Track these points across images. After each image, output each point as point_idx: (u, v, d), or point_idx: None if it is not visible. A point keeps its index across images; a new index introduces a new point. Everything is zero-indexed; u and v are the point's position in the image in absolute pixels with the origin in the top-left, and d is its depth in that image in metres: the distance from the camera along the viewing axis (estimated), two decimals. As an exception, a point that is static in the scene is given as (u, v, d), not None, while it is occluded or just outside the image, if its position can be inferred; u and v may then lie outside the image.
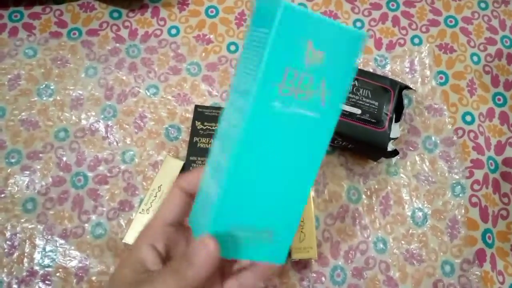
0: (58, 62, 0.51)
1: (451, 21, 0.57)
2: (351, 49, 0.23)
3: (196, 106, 0.47)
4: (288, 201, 0.24)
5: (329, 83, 0.23)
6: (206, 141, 0.46)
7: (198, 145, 0.45)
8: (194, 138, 0.46)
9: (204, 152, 0.45)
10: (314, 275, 0.45)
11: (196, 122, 0.46)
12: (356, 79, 0.48)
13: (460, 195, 0.49)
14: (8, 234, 0.44)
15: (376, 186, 0.49)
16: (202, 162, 0.45)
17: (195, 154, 0.45)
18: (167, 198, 0.28)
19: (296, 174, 0.24)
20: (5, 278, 0.43)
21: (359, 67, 0.51)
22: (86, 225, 0.45)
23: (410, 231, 0.48)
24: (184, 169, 0.44)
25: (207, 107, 0.47)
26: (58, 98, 0.50)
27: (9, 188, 0.46)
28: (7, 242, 0.44)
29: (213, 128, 0.46)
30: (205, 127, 0.46)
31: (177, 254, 0.27)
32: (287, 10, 0.20)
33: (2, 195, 0.46)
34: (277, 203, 0.24)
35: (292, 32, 0.21)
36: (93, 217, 0.46)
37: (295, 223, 0.25)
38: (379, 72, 0.53)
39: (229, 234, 0.23)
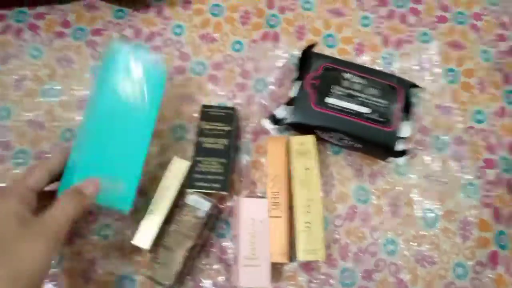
0: (63, 63, 0.51)
1: (460, 18, 0.56)
2: (158, 67, 0.39)
3: (203, 106, 0.46)
4: (129, 163, 0.37)
5: (148, 83, 0.38)
6: (212, 141, 0.45)
7: (203, 145, 0.45)
8: (200, 138, 0.45)
9: (210, 152, 0.44)
10: (323, 277, 0.44)
11: (202, 122, 0.46)
12: (363, 77, 0.47)
13: (472, 195, 0.48)
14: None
15: (385, 187, 0.48)
16: (208, 162, 0.44)
17: (201, 155, 0.44)
18: (32, 170, 0.34)
19: (133, 145, 0.37)
20: None
21: (366, 65, 0.50)
22: (94, 226, 0.45)
23: (421, 232, 0.46)
24: (191, 169, 0.43)
25: (212, 107, 0.46)
26: (63, 98, 0.49)
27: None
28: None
29: (219, 127, 0.45)
30: (211, 127, 0.45)
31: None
32: (113, 45, 0.37)
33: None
34: (122, 164, 0.36)
35: (116, 58, 0.37)
36: (101, 217, 0.45)
37: (135, 178, 0.37)
38: (387, 70, 0.52)
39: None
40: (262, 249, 0.41)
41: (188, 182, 0.43)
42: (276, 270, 0.44)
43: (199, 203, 0.41)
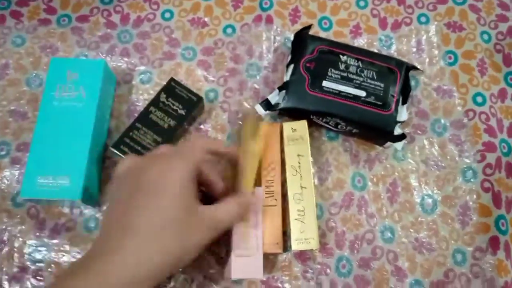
0: (48, 50, 0.49)
1: (459, -2, 0.54)
2: (96, 68, 0.44)
3: (171, 79, 0.45)
4: (75, 156, 0.41)
5: (85, 86, 0.43)
6: (160, 115, 0.43)
7: (150, 115, 0.43)
8: (151, 107, 0.44)
9: (151, 125, 0.43)
10: (319, 266, 0.43)
11: (162, 93, 0.44)
12: (360, 59, 0.45)
13: (472, 180, 0.46)
14: (-2, 229, 0.43)
15: (383, 173, 0.46)
16: (144, 132, 0.43)
17: (142, 123, 0.43)
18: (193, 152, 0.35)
19: (76, 139, 0.41)
20: (-4, 275, 0.41)
21: (364, 48, 0.49)
22: (78, 218, 0.43)
23: (419, 218, 0.45)
24: (125, 131, 0.43)
25: (181, 86, 0.45)
26: (48, 87, 0.48)
27: (-1, 182, 0.44)
28: (-2, 237, 0.42)
29: (174, 107, 0.44)
30: (167, 102, 0.44)
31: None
32: (54, 60, 0.45)
33: (-8, 189, 0.44)
34: (69, 158, 0.41)
35: (58, 68, 0.44)
36: (86, 211, 0.44)
37: (81, 170, 0.40)
38: (384, 52, 0.50)
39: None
40: (256, 239, 0.40)
41: (115, 142, 0.42)
42: (270, 260, 0.43)
43: None
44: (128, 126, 0.43)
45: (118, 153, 0.42)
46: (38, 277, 0.41)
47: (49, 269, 0.41)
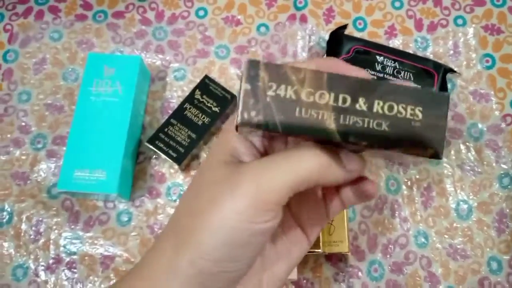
0: (84, 46, 0.50)
1: (498, 0, 0.52)
2: (132, 64, 0.44)
3: (206, 76, 0.45)
4: (112, 150, 0.41)
5: (121, 82, 0.44)
6: (195, 112, 0.44)
7: (185, 111, 0.44)
8: (186, 103, 0.44)
9: (186, 121, 0.43)
10: (350, 269, 0.43)
11: (197, 90, 0.44)
12: (396, 60, 0.45)
13: (509, 186, 0.45)
14: (34, 220, 0.43)
15: (417, 176, 0.46)
16: (179, 129, 0.43)
17: (177, 118, 0.43)
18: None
19: (113, 133, 0.42)
20: (31, 265, 0.42)
21: (400, 49, 0.48)
22: (112, 212, 0.44)
23: (454, 224, 0.44)
24: (160, 126, 0.43)
25: (215, 83, 0.45)
26: (83, 82, 0.48)
27: (35, 175, 0.45)
28: (33, 228, 0.43)
29: (209, 104, 0.44)
30: (202, 100, 0.44)
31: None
32: (91, 55, 0.45)
33: (28, 181, 0.45)
34: (106, 152, 0.41)
35: (95, 63, 0.44)
36: (119, 205, 0.44)
37: (118, 164, 0.41)
38: (420, 54, 0.49)
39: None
40: None
41: (150, 137, 0.43)
42: (301, 261, 0.43)
43: None
44: (163, 122, 0.43)
45: (153, 148, 0.42)
46: (72, 269, 0.42)
47: (83, 262, 0.42)
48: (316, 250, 0.39)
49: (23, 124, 0.47)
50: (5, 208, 0.44)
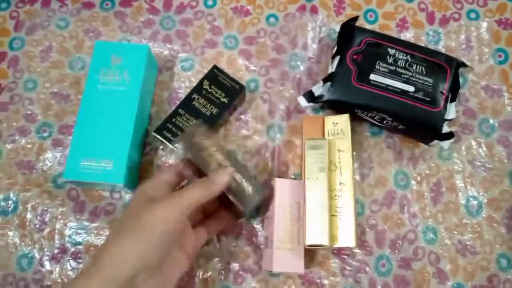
0: (90, 34, 0.49)
1: (512, -6, 0.52)
2: (140, 53, 0.44)
3: (214, 66, 0.45)
4: (119, 140, 0.41)
5: (129, 71, 0.43)
6: (203, 102, 0.43)
7: (193, 102, 0.43)
8: (194, 94, 0.43)
9: (194, 111, 0.43)
10: (357, 264, 0.42)
11: (205, 81, 0.44)
12: (408, 53, 0.44)
13: (520, 183, 0.45)
14: (39, 209, 0.43)
15: (427, 172, 0.45)
16: (186, 119, 0.43)
17: (185, 108, 0.43)
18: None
19: (119, 123, 0.41)
20: (36, 255, 0.42)
21: (412, 42, 0.47)
22: (118, 202, 0.43)
23: (464, 220, 0.44)
24: (167, 117, 0.43)
25: (223, 73, 0.44)
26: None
27: (40, 164, 0.45)
28: (38, 217, 0.43)
29: (217, 95, 0.43)
30: (210, 90, 0.43)
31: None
32: (99, 44, 0.44)
33: (34, 170, 0.44)
34: (112, 142, 0.41)
35: (102, 52, 0.44)
36: (125, 195, 0.44)
37: (124, 154, 0.40)
38: (431, 48, 0.49)
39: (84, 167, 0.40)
40: (297, 233, 0.39)
41: (157, 127, 0.42)
42: (308, 255, 0.42)
43: None
44: (171, 112, 0.43)
45: (160, 138, 0.42)
46: (77, 259, 0.41)
47: (88, 252, 0.42)
48: (324, 245, 0.38)
49: (29, 112, 0.46)
50: (10, 197, 0.43)
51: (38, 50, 0.48)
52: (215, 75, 0.44)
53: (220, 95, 0.44)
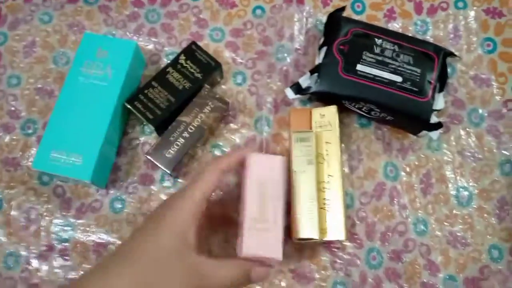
0: (75, 28, 0.49)
1: (500, -17, 0.51)
2: (126, 49, 0.43)
3: (193, 42, 0.44)
4: (92, 135, 0.40)
5: (112, 66, 0.42)
6: (177, 76, 0.43)
7: (167, 76, 0.43)
8: (169, 68, 0.43)
9: (167, 84, 0.43)
10: (348, 257, 0.42)
11: (182, 55, 0.44)
12: (396, 43, 0.43)
13: (510, 173, 0.44)
14: (24, 206, 0.42)
15: (416, 163, 0.45)
16: (159, 91, 0.42)
17: (158, 81, 0.43)
18: (205, 175, 0.32)
19: (95, 118, 0.41)
20: (22, 252, 0.41)
21: (399, 31, 0.47)
22: (104, 199, 0.43)
23: (454, 211, 0.43)
24: (140, 88, 0.43)
25: (201, 50, 0.44)
26: (74, 66, 0.47)
27: (25, 161, 0.44)
28: (24, 215, 0.42)
29: (192, 70, 0.43)
30: (185, 65, 0.43)
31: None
32: (87, 35, 0.44)
33: (18, 167, 0.44)
34: (85, 137, 0.40)
35: (90, 44, 0.43)
36: (112, 191, 0.43)
37: (95, 150, 0.40)
38: (419, 38, 0.48)
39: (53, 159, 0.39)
40: (274, 212, 0.33)
41: (128, 97, 0.42)
42: (297, 249, 0.42)
43: None
44: (144, 84, 0.43)
45: (131, 108, 0.42)
46: (64, 256, 0.41)
47: (75, 249, 0.41)
48: (313, 238, 0.37)
49: (13, 109, 0.45)
50: (-6, 195, 0.43)
51: (22, 45, 0.48)
52: (192, 51, 0.44)
53: (194, 70, 0.43)
